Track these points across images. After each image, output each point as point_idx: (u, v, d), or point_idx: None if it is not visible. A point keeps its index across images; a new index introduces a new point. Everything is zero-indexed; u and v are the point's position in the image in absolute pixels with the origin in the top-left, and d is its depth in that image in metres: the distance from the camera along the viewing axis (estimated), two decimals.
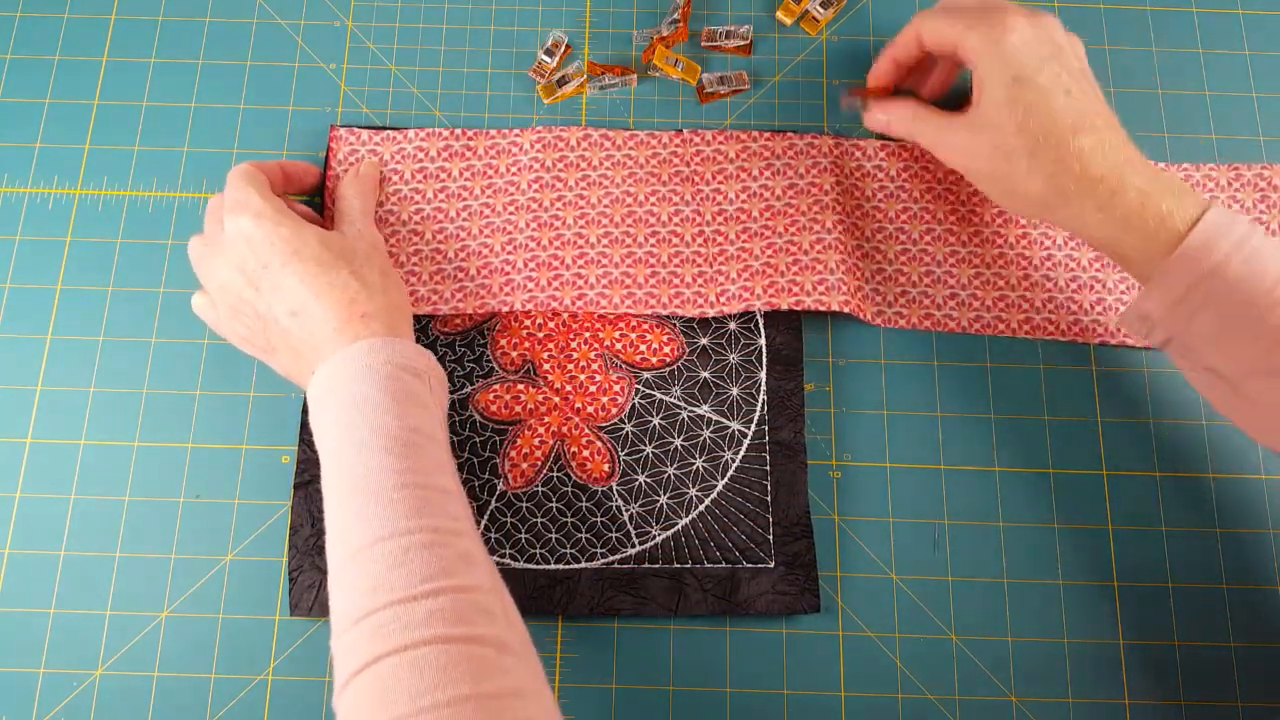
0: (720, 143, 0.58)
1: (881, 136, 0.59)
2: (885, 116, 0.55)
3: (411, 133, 0.58)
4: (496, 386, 0.54)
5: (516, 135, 0.58)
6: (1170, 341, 0.47)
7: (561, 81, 0.59)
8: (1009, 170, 0.48)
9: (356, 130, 0.58)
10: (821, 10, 0.60)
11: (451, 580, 0.40)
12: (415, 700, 0.36)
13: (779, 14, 0.61)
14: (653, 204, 0.56)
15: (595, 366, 0.55)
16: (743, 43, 0.60)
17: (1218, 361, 0.45)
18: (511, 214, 0.56)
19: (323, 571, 0.51)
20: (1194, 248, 0.43)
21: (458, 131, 0.58)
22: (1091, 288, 0.56)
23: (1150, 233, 0.45)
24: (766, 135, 0.58)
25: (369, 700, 0.37)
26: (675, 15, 0.60)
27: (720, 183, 0.57)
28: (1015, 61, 0.47)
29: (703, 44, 0.60)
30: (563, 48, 0.59)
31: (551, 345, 0.55)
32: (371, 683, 0.37)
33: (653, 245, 0.56)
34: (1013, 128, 0.47)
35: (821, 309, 0.54)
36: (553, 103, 0.59)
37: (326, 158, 0.57)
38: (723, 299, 0.55)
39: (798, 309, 0.54)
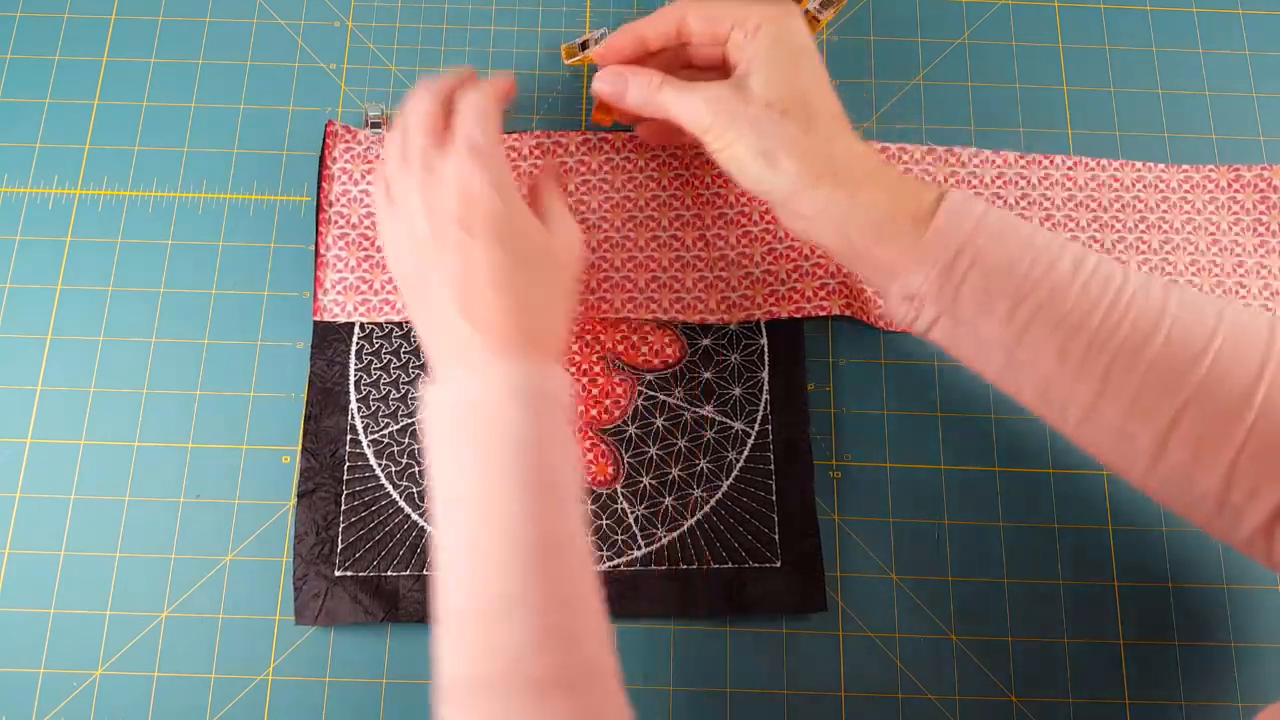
0: None
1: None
2: (622, 85, 0.49)
3: None
4: None
5: (515, 140, 0.58)
6: (939, 320, 0.45)
7: (584, 45, 0.59)
8: (781, 132, 0.45)
9: (353, 129, 0.58)
10: (821, 10, 0.60)
11: (584, 671, 0.40)
12: None
13: None
14: (653, 208, 0.56)
15: (597, 369, 0.55)
16: None
17: (990, 329, 0.44)
18: None
19: (328, 580, 0.51)
20: (955, 209, 0.44)
21: None
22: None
23: (916, 199, 0.44)
24: None
25: None
26: None
27: (721, 186, 0.57)
28: (799, 39, 0.47)
29: None
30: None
31: None
32: None
33: (653, 250, 0.56)
34: (793, 92, 0.46)
35: (822, 314, 0.54)
36: (573, 64, 0.59)
37: (322, 155, 0.57)
38: (723, 306, 0.55)
39: (798, 316, 0.54)
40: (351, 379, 0.54)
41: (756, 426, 0.54)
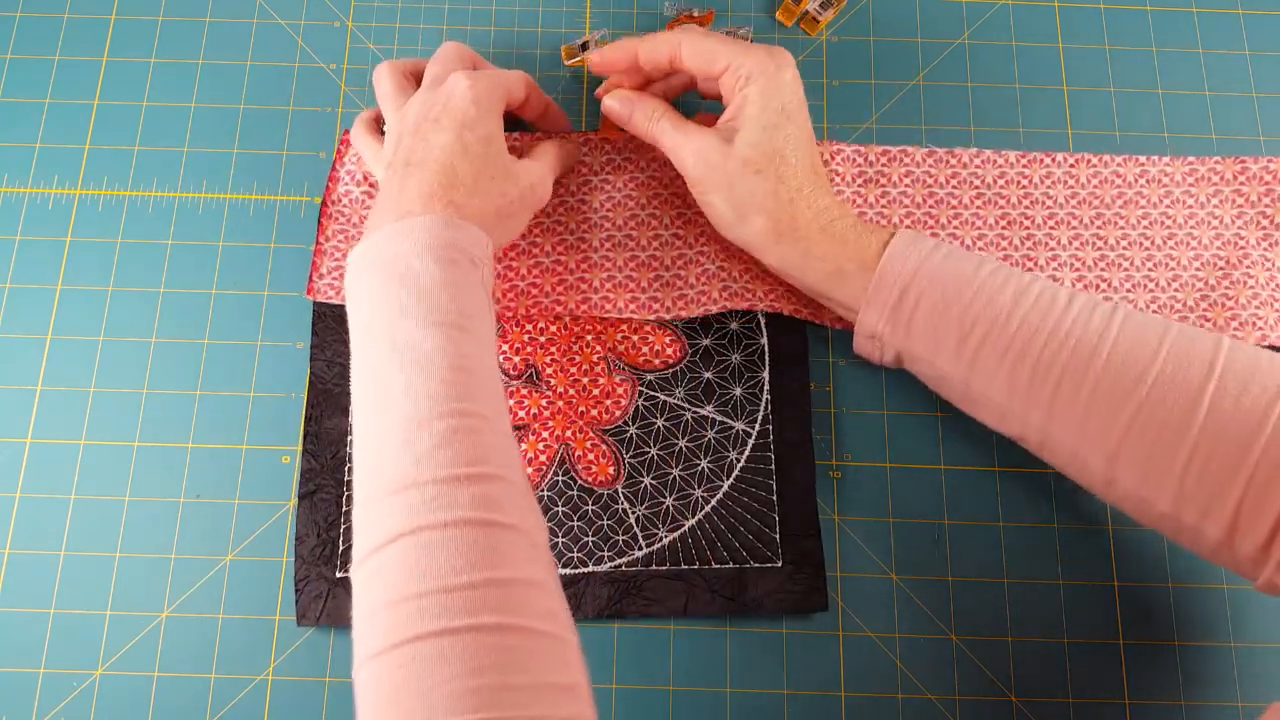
0: None
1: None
2: (629, 110, 0.53)
3: None
4: None
5: (515, 140, 0.58)
6: (901, 356, 0.49)
7: (584, 46, 0.59)
8: (751, 191, 0.49)
9: None
10: (821, 11, 0.60)
11: (490, 468, 0.40)
12: (452, 576, 0.37)
13: (779, 15, 0.61)
14: (654, 206, 0.56)
15: (598, 369, 0.55)
16: None
17: (943, 364, 0.47)
18: None
19: (330, 581, 0.51)
20: (897, 252, 0.48)
21: None
22: None
23: (862, 248, 0.49)
24: None
25: (400, 569, 0.38)
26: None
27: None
28: (785, 95, 0.49)
29: None
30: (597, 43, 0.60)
31: (554, 349, 0.55)
32: (405, 553, 0.38)
33: (655, 249, 0.56)
34: (770, 151, 0.49)
35: (814, 321, 0.55)
36: (573, 65, 0.60)
37: (335, 160, 0.57)
38: (726, 295, 0.54)
39: (797, 317, 0.55)
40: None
41: (757, 426, 0.54)
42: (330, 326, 0.55)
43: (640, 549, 0.52)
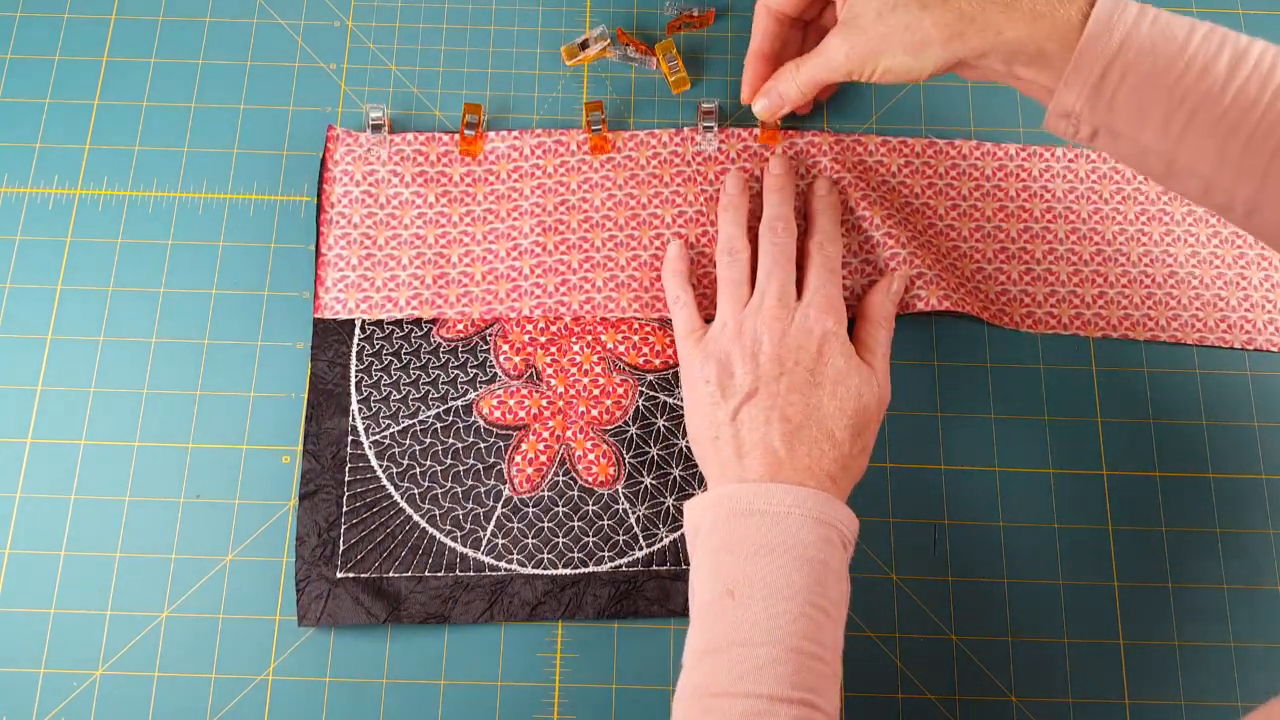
0: (721, 141, 0.58)
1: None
2: (770, 97, 0.54)
3: (410, 135, 0.58)
4: (500, 392, 0.54)
5: (515, 139, 0.58)
6: (1097, 133, 0.46)
7: (584, 45, 0.59)
8: (905, 30, 0.47)
9: (354, 133, 0.58)
10: None
11: (816, 696, 0.41)
12: None
13: None
14: (655, 206, 0.56)
15: (598, 370, 0.55)
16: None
17: (1147, 138, 0.44)
18: (515, 220, 0.56)
19: (330, 582, 0.51)
20: (1100, 24, 0.43)
21: (456, 136, 0.58)
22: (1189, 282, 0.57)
23: (1060, 21, 0.44)
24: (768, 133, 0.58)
25: None
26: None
27: (723, 182, 0.57)
28: None
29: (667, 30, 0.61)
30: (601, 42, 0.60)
31: (554, 350, 0.55)
32: None
33: (657, 248, 0.56)
34: None
35: None
36: (574, 64, 0.60)
37: (323, 158, 0.57)
38: None
39: None
40: (352, 380, 0.54)
41: None
42: (331, 327, 0.55)
43: (640, 549, 0.52)
